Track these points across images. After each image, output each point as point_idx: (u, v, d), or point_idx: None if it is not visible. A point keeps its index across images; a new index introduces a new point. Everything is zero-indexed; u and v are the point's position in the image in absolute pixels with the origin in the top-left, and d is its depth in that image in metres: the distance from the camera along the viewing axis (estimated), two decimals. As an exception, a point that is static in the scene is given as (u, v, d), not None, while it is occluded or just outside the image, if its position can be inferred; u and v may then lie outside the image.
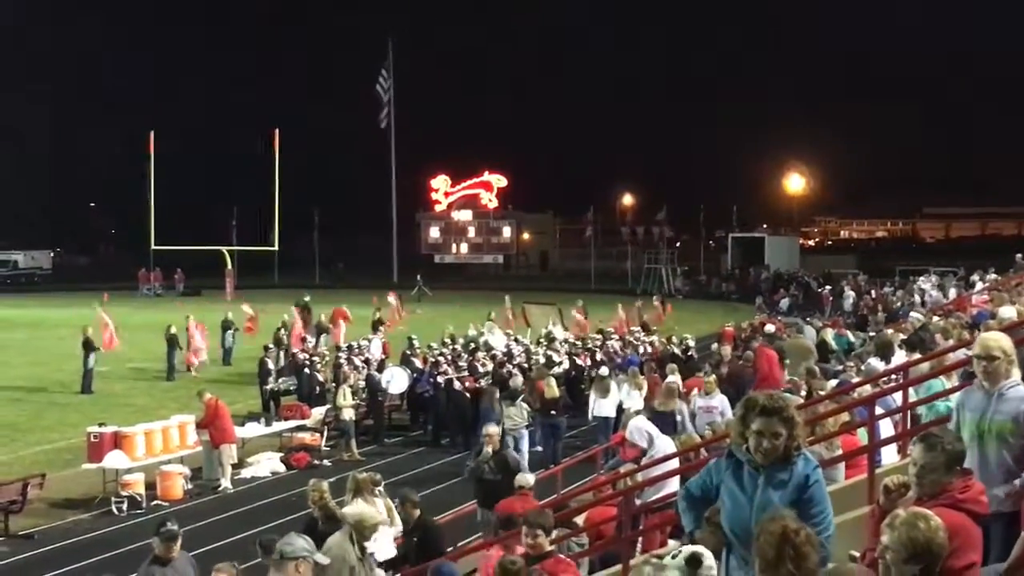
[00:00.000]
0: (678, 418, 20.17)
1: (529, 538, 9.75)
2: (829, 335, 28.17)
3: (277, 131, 69.17)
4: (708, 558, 5.90)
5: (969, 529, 6.02)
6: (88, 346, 35.85)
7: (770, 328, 27.11)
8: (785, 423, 6.16)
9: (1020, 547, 6.03)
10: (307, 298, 49.85)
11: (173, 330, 39.18)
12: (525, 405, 25.64)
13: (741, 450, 6.24)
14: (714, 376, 22.75)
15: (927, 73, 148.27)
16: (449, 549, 15.13)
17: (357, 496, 14.33)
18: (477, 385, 29.01)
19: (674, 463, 14.15)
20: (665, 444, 15.10)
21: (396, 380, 30.13)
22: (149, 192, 69.23)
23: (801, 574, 5.26)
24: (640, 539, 13.26)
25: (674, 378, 23.14)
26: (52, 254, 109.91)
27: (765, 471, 6.12)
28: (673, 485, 13.85)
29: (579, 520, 13.43)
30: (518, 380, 26.73)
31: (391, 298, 49.41)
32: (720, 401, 20.13)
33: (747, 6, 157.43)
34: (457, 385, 28.47)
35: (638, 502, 13.37)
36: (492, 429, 17.61)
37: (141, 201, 73.54)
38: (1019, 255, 37.05)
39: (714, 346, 30.37)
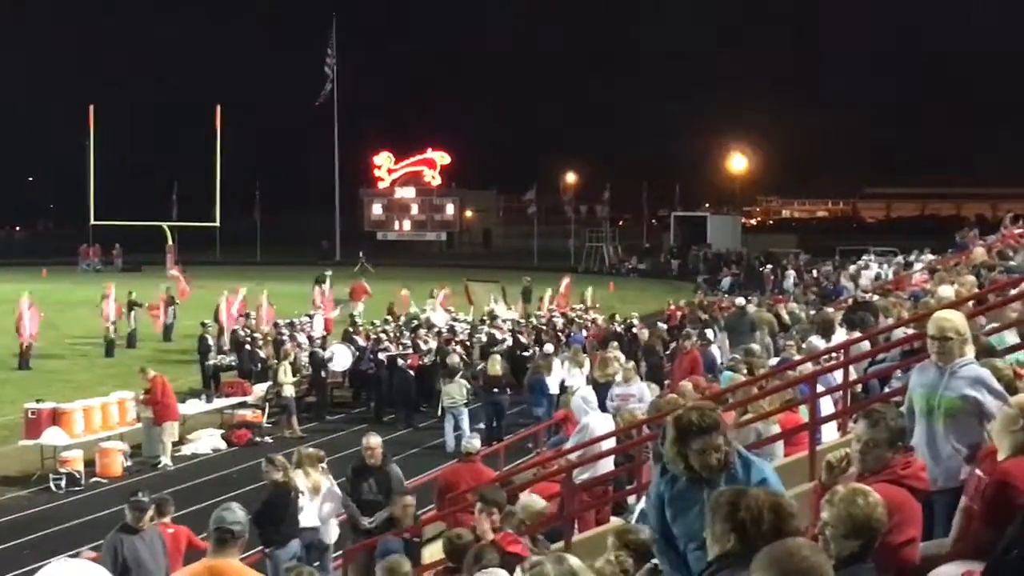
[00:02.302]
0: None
1: (484, 515, 9.75)
2: (783, 310, 28.35)
3: (219, 106, 68.60)
4: None
5: (909, 505, 6.07)
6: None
7: (707, 334, 26.97)
8: (722, 433, 6.19)
9: (959, 518, 6.09)
10: (328, 273, 49.82)
11: (134, 296, 39.04)
12: (464, 382, 25.70)
13: (680, 470, 6.22)
14: (632, 363, 22.62)
15: (873, 50, 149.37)
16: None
17: (299, 469, 14.41)
18: (421, 362, 29.03)
19: (611, 441, 14.19)
20: (599, 421, 15.13)
21: (339, 357, 30.03)
22: (88, 166, 68.46)
23: (786, 528, 5.30)
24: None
25: (616, 353, 23.37)
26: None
27: (709, 484, 6.09)
28: (610, 463, 13.93)
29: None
30: (455, 358, 26.76)
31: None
32: (638, 389, 19.38)
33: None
34: (401, 362, 28.43)
35: (578, 480, 13.42)
36: (373, 441, 14.90)
37: (80, 175, 72.71)
38: (957, 235, 37.47)
39: (661, 325, 30.61)
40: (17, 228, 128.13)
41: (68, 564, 3.14)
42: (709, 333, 25.78)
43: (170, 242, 73.44)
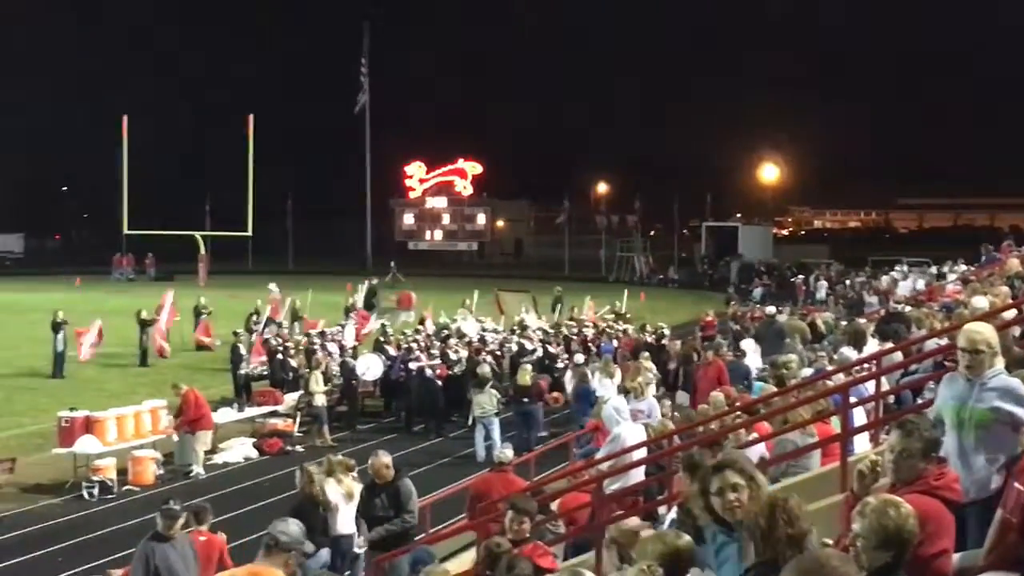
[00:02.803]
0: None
1: (515, 524, 9.75)
2: (819, 319, 28.23)
3: (251, 117, 68.87)
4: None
5: (942, 516, 6.04)
6: (57, 329, 35.66)
7: (720, 343, 26.77)
8: (740, 473, 6.18)
9: (995, 530, 6.06)
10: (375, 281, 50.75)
11: (144, 314, 39.05)
12: (495, 392, 25.71)
13: (709, 522, 6.22)
14: (640, 378, 22.28)
15: (907, 59, 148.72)
16: (424, 535, 15.20)
17: (331, 476, 14.50)
18: (449, 372, 29.06)
19: (642, 452, 14.17)
20: (630, 431, 15.09)
21: (370, 367, 30.08)
22: (122, 176, 68.79)
23: (796, 534, 5.30)
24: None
25: (647, 364, 23.35)
26: (23, 238, 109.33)
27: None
28: (641, 474, 13.90)
29: (553, 506, 13.46)
30: (485, 368, 26.77)
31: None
32: (648, 405, 18.81)
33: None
34: (429, 372, 28.45)
35: (608, 490, 13.39)
36: (379, 461, 14.15)
37: (113, 185, 73.07)
38: (985, 245, 37.23)
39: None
40: (58, 237, 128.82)
41: None
42: (743, 343, 25.66)
43: (202, 251, 73.72)
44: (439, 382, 28.40)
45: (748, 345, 24.98)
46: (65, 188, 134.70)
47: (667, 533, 6.73)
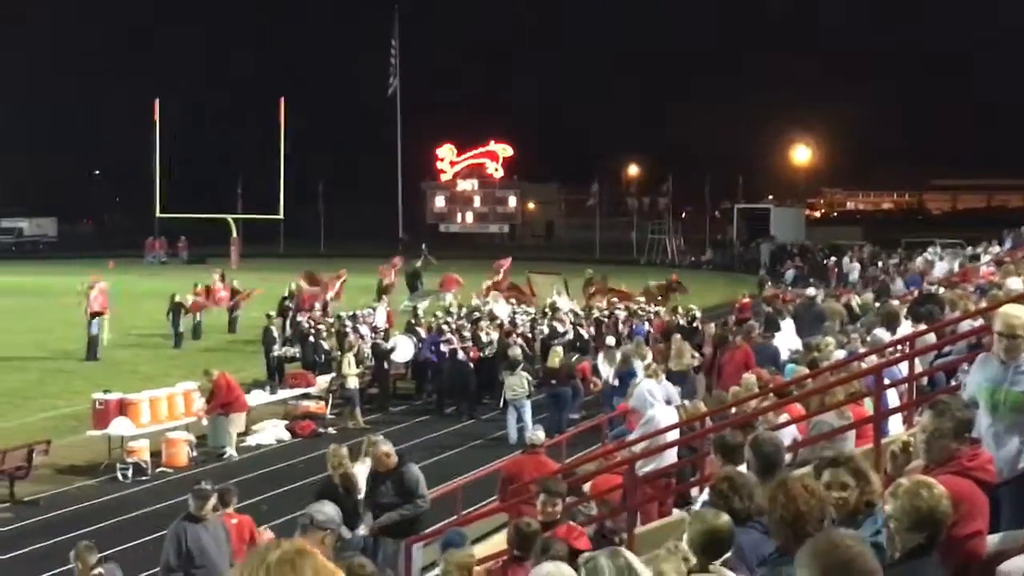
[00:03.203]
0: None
1: (548, 506, 9.76)
2: (854, 301, 28.11)
3: (283, 99, 69.07)
4: None
5: (975, 497, 6.01)
6: (93, 313, 35.92)
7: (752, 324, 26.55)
8: (854, 474, 6.20)
9: None
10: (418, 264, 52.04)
11: (178, 298, 39.25)
12: (526, 374, 25.70)
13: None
14: (651, 361, 21.94)
15: (939, 40, 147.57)
16: (456, 516, 15.24)
17: (364, 457, 14.54)
18: (481, 355, 29.07)
19: (675, 433, 14.15)
20: (663, 413, 15.08)
21: (401, 348, 30.13)
22: (154, 160, 69.10)
23: (790, 516, 5.31)
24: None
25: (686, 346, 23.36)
26: (56, 222, 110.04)
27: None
28: (672, 455, 13.89)
29: (585, 488, 13.46)
30: (516, 350, 26.77)
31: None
32: (664, 389, 18.28)
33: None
34: (462, 355, 28.47)
35: (641, 472, 13.39)
36: (382, 449, 13.85)
37: (146, 169, 73.43)
38: (1016, 230, 37.01)
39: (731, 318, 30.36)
40: (90, 221, 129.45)
41: None
42: (783, 324, 25.53)
43: (235, 235, 73.99)
44: (471, 364, 28.43)
45: (787, 325, 24.82)
46: (97, 172, 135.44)
47: (706, 512, 6.70)
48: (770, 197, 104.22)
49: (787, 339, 23.19)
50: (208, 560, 12.15)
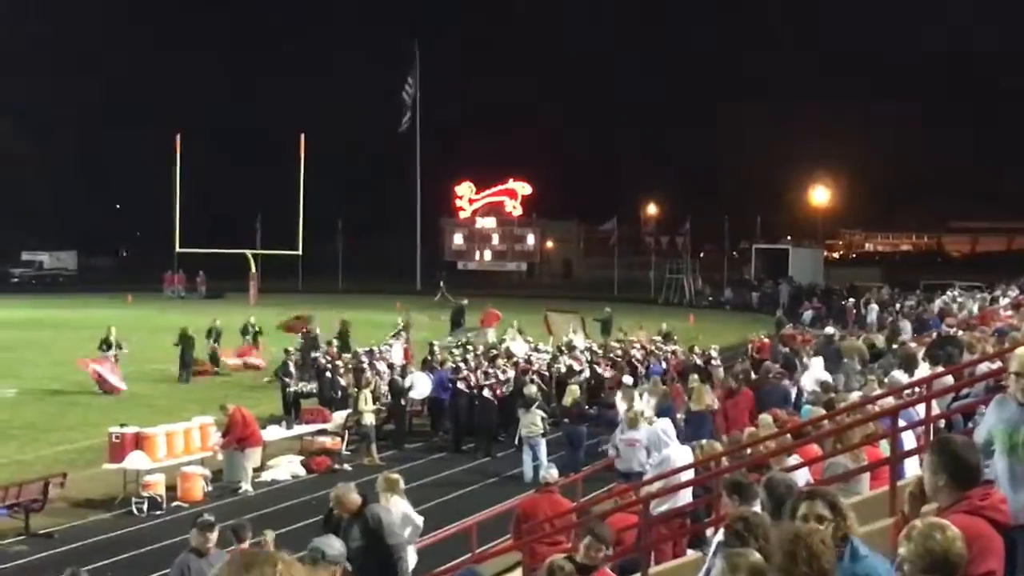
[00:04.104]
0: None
1: (592, 551, 9.69)
2: (878, 340, 28.09)
3: (303, 135, 69.36)
4: None
5: (988, 536, 5.98)
6: (108, 346, 36.03)
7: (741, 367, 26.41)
8: (829, 506, 6.20)
9: None
10: (464, 302, 52.17)
11: (190, 331, 39.38)
12: (542, 412, 25.67)
13: None
14: (637, 408, 21.43)
15: (958, 86, 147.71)
16: (471, 554, 15.19)
17: (387, 493, 14.38)
18: (501, 392, 29.06)
19: (690, 473, 14.13)
20: (678, 452, 15.07)
21: (419, 385, 30.15)
22: (174, 194, 69.39)
23: (814, 571, 5.26)
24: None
25: (704, 387, 23.35)
26: (77, 255, 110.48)
27: None
28: (687, 495, 13.86)
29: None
30: (532, 388, 26.75)
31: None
32: (644, 434, 18.52)
33: (766, 14, 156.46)
34: (487, 393, 28.46)
35: (655, 512, 13.36)
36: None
37: (166, 203, 73.70)
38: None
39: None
40: (125, 254, 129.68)
41: None
42: (810, 362, 25.47)
43: (253, 270, 74.16)
44: (496, 401, 28.42)
45: (816, 363, 24.71)
46: (119, 206, 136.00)
47: (744, 551, 6.68)
48: (788, 237, 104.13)
49: (813, 376, 23.06)
50: None
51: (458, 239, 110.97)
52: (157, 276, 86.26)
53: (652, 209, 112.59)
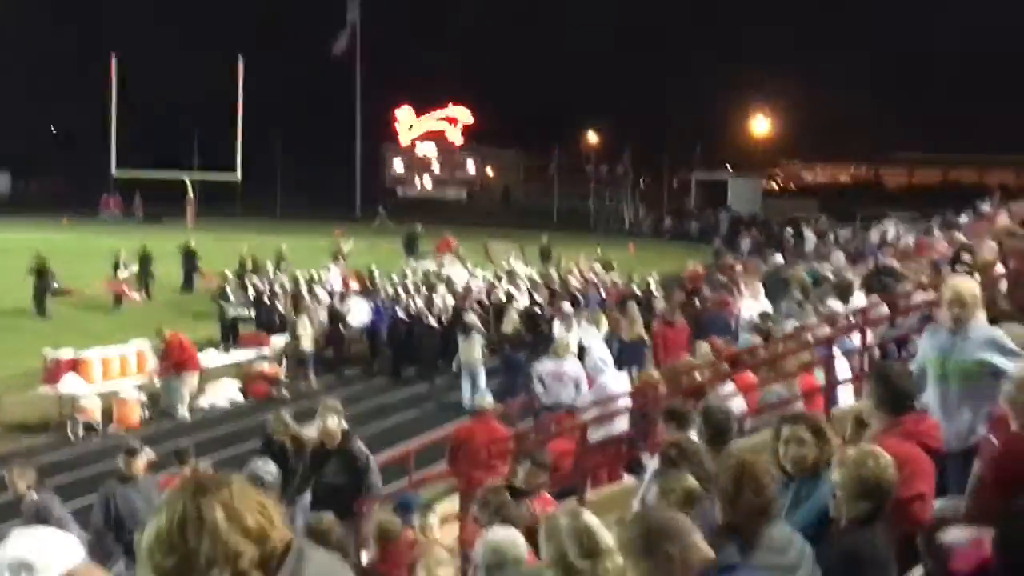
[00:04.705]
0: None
1: (532, 477, 9.74)
2: (801, 271, 28.22)
3: (240, 58, 68.52)
4: None
5: (918, 460, 6.08)
6: (40, 273, 35.55)
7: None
8: (812, 432, 6.23)
9: (972, 483, 6.08)
10: (418, 227, 51.62)
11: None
12: (481, 339, 25.72)
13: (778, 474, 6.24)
14: (568, 338, 20.66)
15: (900, 12, 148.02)
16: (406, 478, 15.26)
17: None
18: (437, 320, 29.08)
19: (627, 400, 14.23)
20: (614, 379, 15.15)
21: (358, 311, 30.08)
22: (110, 116, 68.39)
23: (761, 503, 5.31)
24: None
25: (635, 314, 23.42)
26: (10, 177, 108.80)
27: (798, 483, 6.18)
28: (623, 422, 13.96)
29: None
30: (472, 316, 26.76)
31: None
32: (572, 366, 17.83)
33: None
34: (430, 319, 28.48)
35: (592, 439, 13.46)
36: (330, 424, 12.78)
37: (101, 125, 72.67)
38: (978, 202, 37.32)
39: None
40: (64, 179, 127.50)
41: (37, 533, 3.15)
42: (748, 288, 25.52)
43: (190, 194, 73.42)
44: (435, 327, 28.44)
45: (755, 292, 24.73)
46: (53, 127, 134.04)
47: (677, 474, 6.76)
48: (728, 168, 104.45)
49: (753, 305, 23.15)
50: (138, 522, 11.38)
51: (398, 166, 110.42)
52: (93, 200, 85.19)
53: (592, 138, 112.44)
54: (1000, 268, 13.88)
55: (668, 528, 4.42)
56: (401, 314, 28.96)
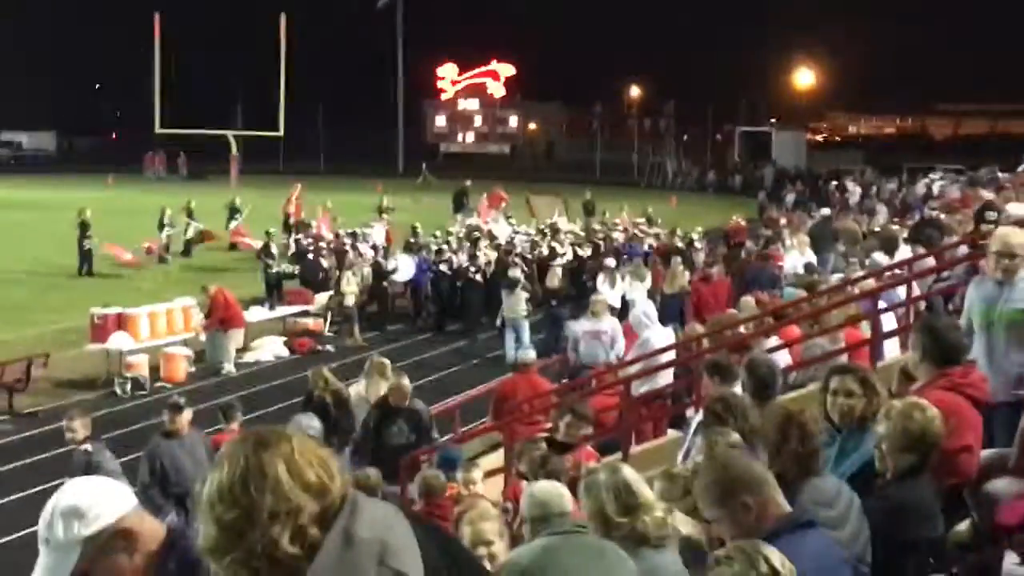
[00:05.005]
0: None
1: (573, 429, 9.74)
2: (850, 222, 28.01)
3: (283, 16, 68.46)
4: None
5: (964, 411, 6.04)
6: (84, 228, 35.84)
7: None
8: (861, 382, 6.19)
9: (1020, 437, 6.04)
10: (467, 183, 52.05)
11: (170, 213, 39.23)
12: (525, 294, 25.72)
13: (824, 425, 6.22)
14: (604, 295, 20.63)
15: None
16: (451, 435, 15.30)
17: (372, 378, 14.33)
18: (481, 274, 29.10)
19: (671, 354, 14.20)
20: (659, 334, 15.11)
21: (403, 268, 30.13)
22: (154, 76, 68.57)
23: (806, 452, 5.30)
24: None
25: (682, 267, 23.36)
26: (56, 136, 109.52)
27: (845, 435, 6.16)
28: (667, 376, 13.94)
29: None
30: (516, 271, 26.75)
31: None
32: (610, 325, 17.72)
33: None
34: (474, 273, 28.49)
35: (636, 393, 13.44)
36: (404, 382, 13.07)
37: (147, 84, 72.89)
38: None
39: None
40: (115, 136, 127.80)
41: (90, 481, 3.20)
42: (793, 241, 25.36)
43: (234, 152, 73.61)
44: (480, 283, 28.45)
45: (800, 242, 24.56)
46: (99, 86, 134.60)
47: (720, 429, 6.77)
48: (772, 121, 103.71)
49: (798, 259, 23.02)
50: (184, 477, 11.78)
51: (440, 121, 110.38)
52: (138, 157, 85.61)
53: (635, 92, 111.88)
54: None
55: (747, 478, 4.42)
56: (445, 269, 29.01)
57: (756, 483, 4.40)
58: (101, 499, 3.46)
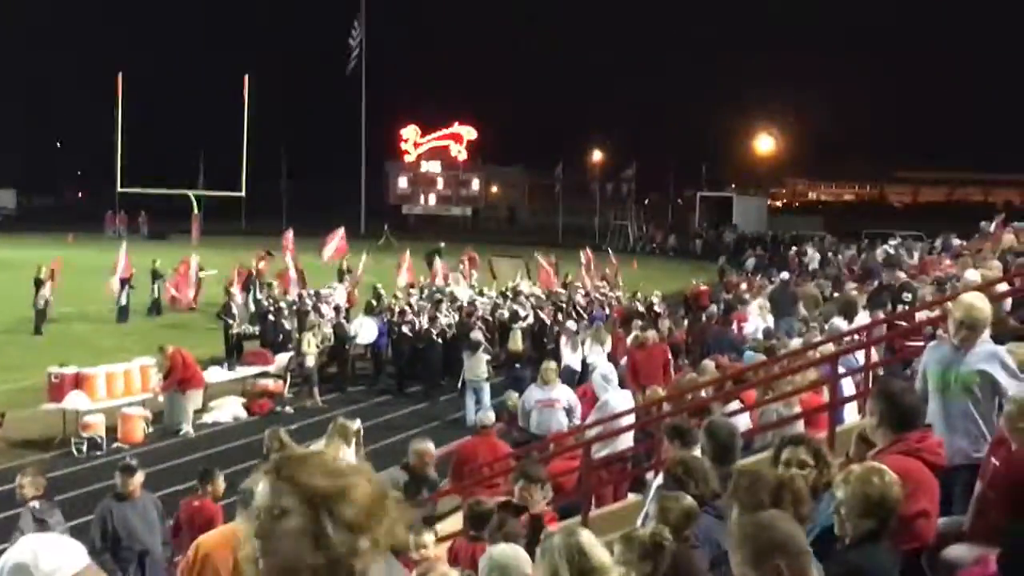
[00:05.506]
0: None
1: (525, 492, 9.63)
2: (811, 288, 28.24)
3: (247, 77, 68.69)
4: None
5: (921, 476, 6.04)
6: (39, 285, 35.62)
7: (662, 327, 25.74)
8: (812, 454, 6.22)
9: (975, 503, 6.06)
10: (442, 245, 51.44)
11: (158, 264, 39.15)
12: (487, 356, 25.70)
13: None
14: (554, 363, 19.25)
15: (903, 33, 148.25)
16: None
17: (334, 440, 14.18)
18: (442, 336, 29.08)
19: (631, 418, 14.20)
20: (618, 397, 15.12)
21: (365, 330, 30.04)
22: (116, 134, 68.54)
23: (799, 516, 5.29)
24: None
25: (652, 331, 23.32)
26: (16, 194, 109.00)
27: None
28: (628, 440, 13.92)
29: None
30: (477, 333, 26.76)
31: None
32: (562, 393, 17.09)
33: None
34: (435, 335, 28.47)
35: (596, 456, 13.42)
36: (426, 446, 12.98)
37: (108, 142, 72.85)
38: (983, 222, 37.25)
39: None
40: (81, 194, 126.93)
41: (42, 538, 3.13)
42: (753, 306, 25.47)
43: (196, 211, 73.50)
44: (439, 344, 28.44)
45: (761, 306, 24.67)
46: (60, 144, 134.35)
47: (675, 494, 6.74)
48: (733, 186, 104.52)
49: (759, 323, 23.15)
50: (135, 541, 11.73)
51: (403, 183, 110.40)
52: (99, 216, 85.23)
53: (597, 156, 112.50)
54: (1004, 286, 13.86)
55: (788, 543, 4.36)
56: (406, 331, 28.96)
57: (795, 551, 4.35)
58: (57, 555, 3.41)
